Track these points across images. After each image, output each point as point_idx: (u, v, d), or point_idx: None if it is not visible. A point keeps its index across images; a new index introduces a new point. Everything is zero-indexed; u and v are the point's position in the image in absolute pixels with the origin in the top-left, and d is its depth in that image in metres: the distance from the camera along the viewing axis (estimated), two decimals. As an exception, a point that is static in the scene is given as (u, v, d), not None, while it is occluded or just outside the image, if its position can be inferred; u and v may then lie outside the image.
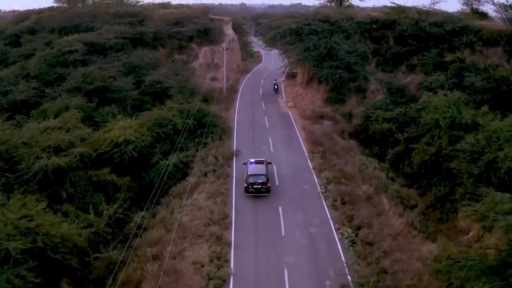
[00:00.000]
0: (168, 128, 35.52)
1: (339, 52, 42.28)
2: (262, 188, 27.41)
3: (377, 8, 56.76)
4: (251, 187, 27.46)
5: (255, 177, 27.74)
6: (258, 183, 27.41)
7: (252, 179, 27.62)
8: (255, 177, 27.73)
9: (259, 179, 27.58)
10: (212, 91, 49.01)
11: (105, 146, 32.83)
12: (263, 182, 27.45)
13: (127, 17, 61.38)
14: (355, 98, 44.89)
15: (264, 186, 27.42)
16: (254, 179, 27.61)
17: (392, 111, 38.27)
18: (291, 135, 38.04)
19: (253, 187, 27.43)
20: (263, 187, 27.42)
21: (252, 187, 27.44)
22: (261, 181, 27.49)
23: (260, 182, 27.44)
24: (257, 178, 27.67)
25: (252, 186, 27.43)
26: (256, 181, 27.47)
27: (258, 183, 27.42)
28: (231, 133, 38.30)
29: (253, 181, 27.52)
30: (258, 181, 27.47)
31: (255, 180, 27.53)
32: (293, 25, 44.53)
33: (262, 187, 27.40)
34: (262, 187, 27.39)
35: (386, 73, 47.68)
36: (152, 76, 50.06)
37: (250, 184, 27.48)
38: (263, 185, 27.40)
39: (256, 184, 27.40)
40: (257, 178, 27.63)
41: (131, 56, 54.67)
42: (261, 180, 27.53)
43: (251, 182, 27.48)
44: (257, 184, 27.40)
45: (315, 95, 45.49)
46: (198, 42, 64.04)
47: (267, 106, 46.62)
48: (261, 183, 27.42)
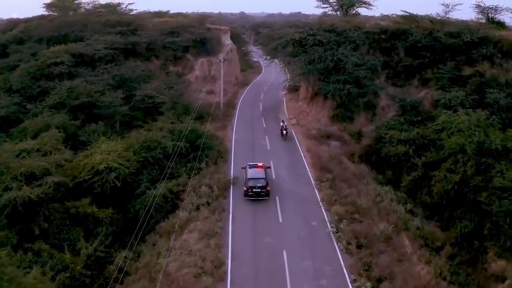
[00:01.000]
0: (157, 152, 31.61)
1: (347, 65, 38.48)
2: (261, 192, 27.18)
3: (386, 16, 53.10)
4: (250, 190, 27.21)
5: (254, 180, 27.51)
6: (258, 187, 27.20)
7: (251, 183, 27.35)
8: (255, 180, 27.50)
9: (258, 183, 27.33)
10: (208, 106, 45.18)
11: (85, 174, 29.00)
12: (263, 186, 27.25)
13: (119, 26, 57.68)
14: (364, 115, 41.02)
15: (264, 190, 27.21)
16: (254, 182, 27.39)
17: (408, 131, 34.47)
18: (295, 158, 34.10)
19: (252, 191, 27.19)
20: (263, 191, 27.20)
21: (252, 191, 27.20)
22: (261, 184, 27.28)
23: (260, 186, 27.24)
24: (256, 181, 27.41)
25: (251, 190, 27.19)
26: (255, 185, 27.26)
27: (258, 186, 27.21)
28: (228, 156, 34.31)
29: (253, 184, 27.29)
30: (258, 185, 27.26)
31: (254, 184, 27.30)
32: (296, 35, 40.79)
33: (262, 191, 27.18)
34: (261, 190, 27.18)
35: (397, 87, 43.88)
36: (143, 90, 46.32)
37: (250, 188, 27.22)
38: (263, 188, 27.21)
39: (256, 187, 27.19)
40: (257, 182, 27.39)
41: (122, 68, 51.01)
42: (260, 184, 27.31)
43: (251, 186, 27.25)
44: (256, 188, 27.18)
45: (320, 112, 41.60)
46: (194, 53, 60.33)
47: (268, 123, 42.71)
48: (261, 186, 27.21)
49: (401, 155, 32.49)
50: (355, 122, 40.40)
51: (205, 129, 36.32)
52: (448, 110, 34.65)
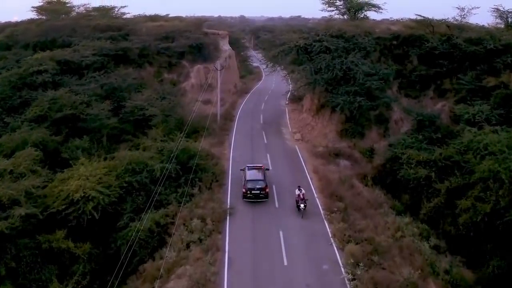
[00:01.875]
0: (144, 176, 27.67)
1: (358, 74, 34.61)
2: (260, 193, 26.86)
3: (397, 20, 49.25)
4: (249, 192, 26.85)
5: (253, 182, 27.18)
6: (257, 189, 26.83)
7: (250, 185, 27.00)
8: (254, 182, 27.18)
9: (257, 185, 27.00)
10: (204, 119, 41.30)
11: (58, 204, 25.12)
12: (262, 188, 26.92)
13: (110, 31, 53.85)
14: (376, 130, 37.13)
15: (263, 192, 26.90)
16: (253, 184, 27.05)
17: (428, 151, 30.53)
18: (301, 182, 30.05)
19: (251, 193, 26.85)
20: (262, 193, 26.88)
21: (251, 193, 26.85)
22: (260, 186, 26.95)
23: (259, 187, 26.91)
24: (255, 183, 27.10)
25: (250, 192, 26.84)
26: (254, 187, 26.91)
27: (257, 188, 26.84)
28: (225, 179, 30.34)
29: (252, 186, 26.93)
30: (257, 187, 26.91)
31: (253, 186, 26.96)
32: (301, 42, 36.93)
33: (261, 193, 26.86)
34: (260, 192, 26.85)
35: (411, 98, 40.10)
36: (133, 101, 42.51)
37: (249, 190, 26.84)
38: (262, 190, 26.88)
39: (255, 189, 26.85)
40: (256, 184, 27.06)
41: (112, 76, 47.20)
42: (259, 185, 26.98)
43: (250, 188, 26.86)
44: (255, 190, 26.84)
45: (327, 126, 37.69)
46: (190, 59, 56.55)
47: (269, 138, 38.77)
48: (260, 188, 26.88)
49: (422, 179, 28.56)
50: (366, 137, 36.51)
51: (199, 146, 32.44)
52: (472, 127, 30.88)
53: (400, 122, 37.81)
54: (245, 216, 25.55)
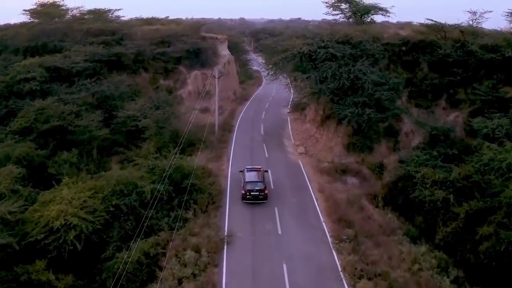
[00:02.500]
0: (132, 199, 25.08)
1: (366, 84, 32.06)
2: (259, 195, 27.04)
3: (406, 25, 46.74)
4: (248, 194, 27.04)
5: (252, 184, 27.38)
6: (256, 190, 27.03)
7: (249, 186, 27.19)
8: (253, 184, 27.38)
9: (256, 186, 27.20)
10: (201, 129, 38.84)
11: (37, 232, 22.56)
12: (261, 189, 27.10)
13: (103, 35, 51.28)
14: (385, 143, 34.60)
15: (262, 193, 27.08)
16: (252, 186, 27.25)
17: (444, 169, 27.94)
18: (305, 202, 27.58)
19: (250, 194, 27.03)
20: (261, 194, 27.07)
21: (250, 194, 27.04)
22: (259, 188, 27.12)
23: (258, 189, 27.07)
24: (254, 185, 27.30)
25: (249, 193, 27.02)
26: (253, 188, 27.11)
27: (256, 190, 27.04)
28: (222, 200, 27.74)
29: (251, 188, 27.13)
30: (256, 188, 27.10)
31: (252, 187, 27.15)
32: (305, 48, 34.38)
33: (260, 194, 27.05)
34: (259, 194, 27.04)
35: (422, 108, 37.53)
36: (126, 111, 40.01)
37: (248, 191, 27.02)
38: (261, 192, 27.06)
39: (254, 191, 27.04)
40: (255, 185, 27.27)
41: (104, 84, 44.68)
42: (258, 187, 27.17)
43: (249, 189, 27.07)
44: (254, 191, 27.03)
45: (333, 139, 35.15)
46: (187, 65, 54.05)
47: (270, 151, 36.20)
48: (259, 190, 27.04)
49: (439, 202, 26.00)
50: (374, 151, 33.99)
51: (195, 162, 29.89)
52: (490, 142, 28.35)
53: (410, 134, 35.28)
54: (244, 245, 22.97)
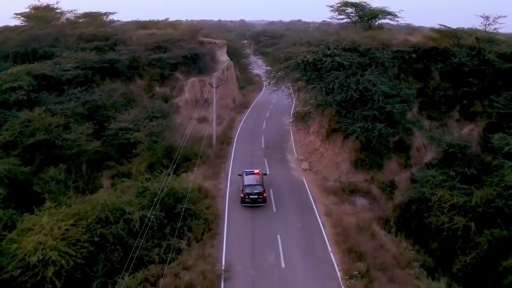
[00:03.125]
0: (119, 228, 22.53)
1: (376, 96, 29.56)
2: (258, 198, 27.21)
3: (416, 30, 44.21)
4: (247, 197, 27.23)
5: (251, 187, 27.49)
6: (255, 193, 27.21)
7: (248, 189, 27.34)
8: (252, 187, 27.49)
9: (255, 189, 27.34)
10: (198, 142, 36.39)
11: (13, 267, 20.03)
12: (260, 193, 27.28)
13: (96, 41, 48.78)
14: (396, 159, 32.06)
15: (261, 197, 27.26)
16: (251, 189, 27.39)
17: (462, 191, 25.50)
18: (311, 228, 25.04)
19: (249, 197, 27.21)
20: (260, 197, 27.24)
21: (249, 197, 27.21)
22: (258, 191, 27.30)
23: (257, 192, 27.25)
24: (253, 188, 27.42)
25: (248, 197, 27.20)
26: (252, 191, 27.27)
27: (255, 193, 27.22)
28: (219, 226, 25.17)
29: (250, 191, 27.29)
30: (255, 191, 27.26)
31: (251, 190, 27.31)
32: (309, 56, 31.87)
33: (259, 198, 27.22)
34: (258, 197, 27.22)
35: (434, 121, 35.02)
36: (118, 122, 37.59)
37: (247, 195, 27.20)
38: (260, 195, 27.23)
39: (253, 194, 27.21)
40: (254, 188, 27.39)
41: (96, 92, 42.25)
42: (257, 190, 27.34)
43: (248, 193, 27.23)
44: (253, 194, 27.21)
45: (340, 154, 32.63)
46: (184, 71, 51.50)
47: (272, 167, 33.64)
48: (258, 193, 27.23)
49: (459, 230, 23.52)
50: (384, 168, 31.44)
51: (189, 181, 27.45)
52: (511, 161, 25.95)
53: (422, 149, 32.75)
54: (244, 281, 20.41)
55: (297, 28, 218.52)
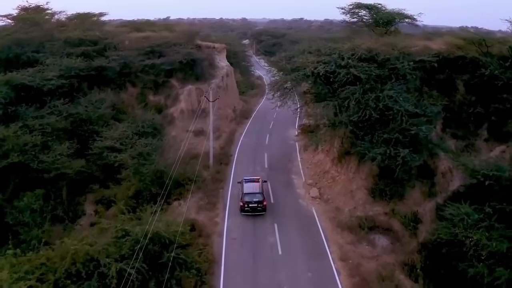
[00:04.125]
0: (93, 285, 18.48)
1: (399, 116, 25.36)
2: (258, 207, 26.67)
3: (435, 34, 39.90)
4: (247, 206, 26.65)
5: (250, 195, 26.98)
6: (254, 202, 26.63)
7: (248, 198, 26.85)
8: (251, 195, 26.98)
9: (255, 198, 26.82)
10: (193, 161, 32.48)
11: None
12: (259, 201, 26.70)
13: (83, 46, 44.60)
14: (419, 186, 27.89)
15: (260, 205, 26.71)
16: (250, 197, 26.88)
17: (504, 233, 21.32)
18: (324, 279, 20.95)
19: (249, 206, 26.63)
20: (259, 206, 26.69)
21: (248, 206, 26.64)
22: (257, 199, 26.74)
23: (256, 200, 26.69)
24: (253, 196, 26.91)
25: (248, 205, 26.64)
26: (252, 200, 26.73)
27: (254, 201, 26.65)
28: (215, 275, 21.09)
29: (249, 199, 26.75)
30: (254, 200, 26.71)
31: (251, 199, 26.79)
32: (320, 68, 27.61)
33: (258, 206, 26.67)
34: (258, 205, 26.67)
35: (459, 140, 30.80)
36: (104, 139, 33.56)
37: (246, 203, 26.67)
38: (259, 203, 26.68)
39: (252, 203, 26.65)
40: (253, 197, 26.88)
41: (82, 103, 38.26)
42: (257, 198, 26.79)
43: (247, 201, 26.70)
44: (253, 203, 26.64)
45: (354, 180, 28.52)
46: (180, 78, 47.39)
47: (277, 194, 29.54)
48: (257, 201, 26.67)
49: (503, 285, 19.41)
50: (406, 198, 27.28)
51: (181, 213, 23.45)
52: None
53: (448, 174, 28.55)
54: None
55: (299, 26, 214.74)
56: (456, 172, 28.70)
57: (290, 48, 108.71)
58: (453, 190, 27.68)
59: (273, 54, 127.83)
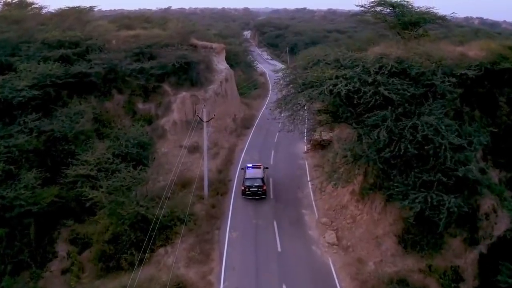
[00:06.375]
0: None
1: (442, 151, 19.93)
2: (258, 191, 28.44)
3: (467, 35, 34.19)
4: (248, 190, 28.54)
5: (251, 180, 28.70)
6: (255, 186, 28.42)
7: (248, 182, 28.62)
8: (252, 180, 28.69)
9: (255, 182, 28.54)
10: (185, 192, 27.27)
11: None
12: (259, 186, 28.45)
13: (62, 48, 38.91)
14: (459, 233, 22.58)
15: (260, 189, 28.43)
16: (251, 182, 28.61)
17: None
18: None
19: (249, 190, 28.48)
20: (259, 190, 28.45)
21: (249, 190, 28.49)
22: (258, 184, 28.47)
23: (257, 185, 28.44)
24: (253, 181, 28.63)
25: (249, 189, 28.50)
26: (252, 184, 28.49)
27: (255, 186, 28.44)
28: None
29: (250, 184, 28.54)
30: (255, 184, 28.47)
31: (251, 183, 28.54)
32: (341, 85, 21.88)
33: (258, 190, 28.43)
34: (258, 190, 28.42)
35: (503, 170, 25.46)
36: (79, 166, 28.30)
37: (247, 187, 28.54)
38: (259, 188, 28.42)
39: (253, 187, 28.44)
40: (254, 182, 28.59)
41: (58, 117, 33.05)
42: (257, 183, 28.50)
43: (248, 185, 28.53)
44: (253, 187, 28.44)
45: (380, 223, 23.29)
46: (174, 83, 41.95)
47: (285, 239, 24.04)
48: (258, 186, 28.43)
49: None
50: (444, 247, 22.04)
51: (168, 267, 18.38)
52: None
53: (492, 215, 23.27)
54: None
55: (302, 16, 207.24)
56: (501, 213, 23.51)
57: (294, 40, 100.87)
58: (499, 236, 22.66)
59: (276, 46, 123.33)
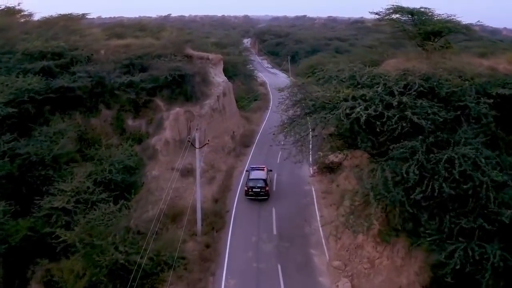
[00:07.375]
0: None
1: (483, 191, 16.31)
2: (261, 191, 29.64)
3: (491, 47, 30.75)
4: (250, 190, 29.82)
5: (254, 181, 30.02)
6: (258, 187, 29.65)
7: (251, 183, 29.92)
8: (255, 181, 30.01)
9: (258, 183, 29.79)
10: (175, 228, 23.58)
11: None
12: (262, 187, 29.66)
13: (44, 60, 35.38)
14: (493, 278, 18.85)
15: (263, 190, 29.67)
16: (254, 183, 29.88)
17: None
18: None
19: (252, 191, 29.76)
20: (262, 191, 29.66)
21: (252, 191, 29.77)
22: (260, 185, 29.72)
23: (259, 186, 29.69)
24: (256, 182, 29.89)
25: (251, 190, 29.77)
26: (255, 185, 29.73)
27: (258, 187, 29.66)
28: None
29: (253, 185, 29.79)
30: (258, 185, 29.70)
31: (254, 184, 29.79)
32: (360, 109, 18.12)
33: (261, 191, 29.64)
34: (261, 190, 29.63)
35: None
36: (53, 200, 24.72)
37: (250, 188, 29.82)
38: (262, 189, 29.64)
39: (256, 188, 29.68)
40: (257, 182, 29.85)
41: (36, 137, 29.56)
42: (260, 184, 29.77)
43: (251, 186, 29.81)
44: (256, 188, 29.67)
45: (404, 270, 19.57)
46: (166, 97, 38.45)
47: (290, 286, 20.56)
48: (260, 187, 29.66)
49: None
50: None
51: None
52: None
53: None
54: None
55: (302, 24, 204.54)
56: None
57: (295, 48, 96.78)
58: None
59: (277, 54, 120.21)
